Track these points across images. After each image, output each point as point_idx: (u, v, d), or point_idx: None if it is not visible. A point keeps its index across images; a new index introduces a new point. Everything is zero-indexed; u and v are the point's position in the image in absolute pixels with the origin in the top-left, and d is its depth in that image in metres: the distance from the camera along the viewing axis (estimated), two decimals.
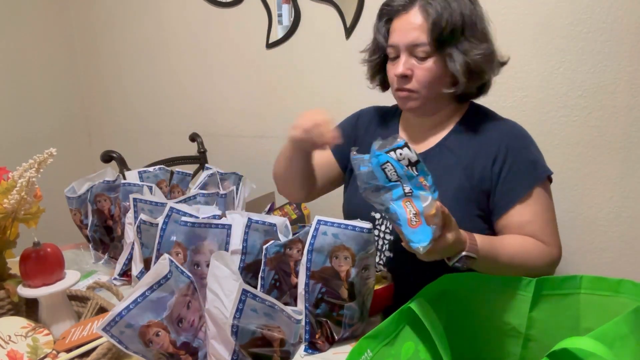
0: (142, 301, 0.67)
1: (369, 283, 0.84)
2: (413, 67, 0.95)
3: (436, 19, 0.91)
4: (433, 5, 0.92)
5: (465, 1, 0.93)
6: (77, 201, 1.21)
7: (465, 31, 0.93)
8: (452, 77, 0.96)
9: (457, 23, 0.92)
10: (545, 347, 0.61)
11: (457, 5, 0.92)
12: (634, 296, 0.55)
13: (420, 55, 0.94)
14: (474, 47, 0.93)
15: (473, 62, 0.93)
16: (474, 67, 0.94)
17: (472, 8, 0.94)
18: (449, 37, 0.92)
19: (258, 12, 1.90)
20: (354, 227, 0.79)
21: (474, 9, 0.95)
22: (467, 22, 0.93)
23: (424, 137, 1.05)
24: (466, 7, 0.93)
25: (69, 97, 2.38)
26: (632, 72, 1.40)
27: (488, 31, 0.97)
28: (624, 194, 1.47)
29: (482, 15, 0.97)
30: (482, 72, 0.96)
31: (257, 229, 0.89)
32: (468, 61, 0.93)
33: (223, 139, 2.13)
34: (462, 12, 0.92)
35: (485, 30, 0.97)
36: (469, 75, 0.94)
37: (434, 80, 0.95)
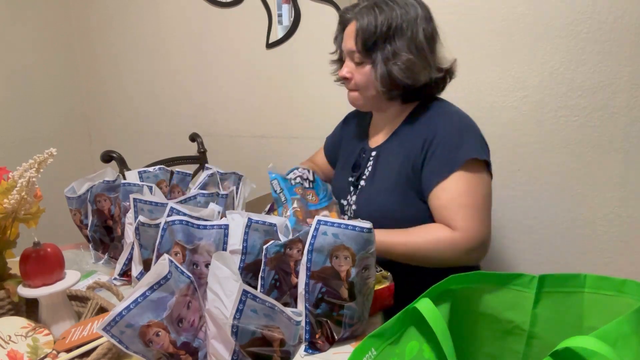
0: (142, 301, 0.67)
1: (369, 283, 0.84)
2: (353, 71, 1.08)
3: (360, 29, 1.02)
4: (362, 17, 1.02)
5: (397, 12, 1.01)
6: (77, 201, 1.21)
7: (391, 40, 1.02)
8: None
9: (381, 32, 1.01)
10: (548, 344, 0.61)
11: (386, 17, 1.01)
12: (637, 296, 0.55)
13: (356, 60, 1.07)
14: (396, 57, 1.02)
15: (389, 71, 1.03)
16: (392, 75, 1.03)
17: (405, 20, 1.02)
18: (373, 46, 1.03)
19: (258, 12, 1.90)
20: (354, 227, 0.79)
21: (410, 19, 1.02)
22: (395, 32, 1.01)
23: (383, 130, 1.17)
24: (398, 17, 1.01)
25: (69, 97, 2.38)
26: (632, 72, 1.40)
27: (420, 41, 1.03)
28: (624, 194, 1.47)
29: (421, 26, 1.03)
30: (396, 80, 1.03)
31: (257, 229, 0.88)
32: (385, 69, 1.03)
33: (223, 139, 2.13)
34: (390, 23, 1.01)
35: (416, 40, 1.02)
36: (384, 83, 1.04)
37: (367, 82, 1.07)
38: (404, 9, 1.02)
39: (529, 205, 1.60)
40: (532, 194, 1.59)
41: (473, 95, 1.61)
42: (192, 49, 2.11)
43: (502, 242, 1.67)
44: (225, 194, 1.16)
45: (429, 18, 1.05)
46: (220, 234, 0.87)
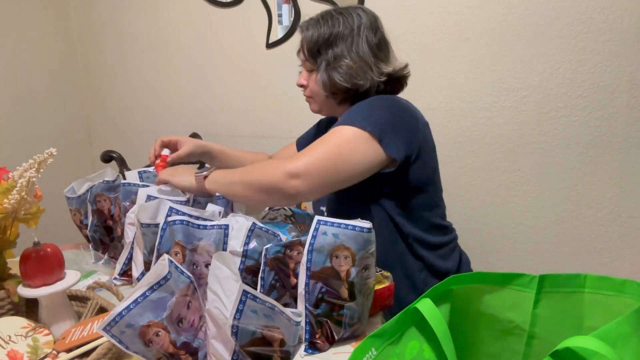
0: (142, 301, 0.67)
1: (369, 283, 0.84)
2: (307, 79, 1.15)
3: (304, 39, 1.11)
4: (308, 28, 1.10)
5: (340, 22, 1.07)
6: (77, 201, 1.21)
7: (333, 48, 1.08)
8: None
9: (324, 42, 1.08)
10: (548, 344, 0.61)
11: (328, 27, 1.08)
12: (637, 296, 0.55)
13: (308, 69, 1.14)
14: (336, 62, 1.07)
15: (330, 75, 1.08)
16: (331, 79, 1.08)
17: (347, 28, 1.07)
18: (317, 55, 1.09)
19: (258, 12, 1.91)
20: (354, 227, 0.79)
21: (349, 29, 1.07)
22: (336, 40, 1.07)
23: None
24: (338, 27, 1.07)
25: (69, 97, 2.38)
26: (632, 72, 1.40)
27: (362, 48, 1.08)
28: (624, 194, 1.48)
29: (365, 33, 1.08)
30: (337, 83, 1.08)
31: (259, 235, 0.88)
32: (326, 75, 1.08)
33: (223, 139, 2.13)
34: (331, 32, 1.07)
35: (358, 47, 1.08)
36: (326, 86, 1.09)
37: (317, 89, 1.12)
38: (347, 19, 1.08)
39: (529, 205, 1.60)
40: (532, 194, 1.59)
41: (473, 95, 1.61)
42: (192, 49, 2.11)
43: (502, 242, 1.67)
44: None
45: (374, 27, 1.10)
46: (221, 234, 0.86)
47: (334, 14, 1.10)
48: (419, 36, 1.65)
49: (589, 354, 0.47)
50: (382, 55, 1.10)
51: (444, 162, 1.70)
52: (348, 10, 1.10)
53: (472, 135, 1.64)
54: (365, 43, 1.08)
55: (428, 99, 1.66)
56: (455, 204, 1.71)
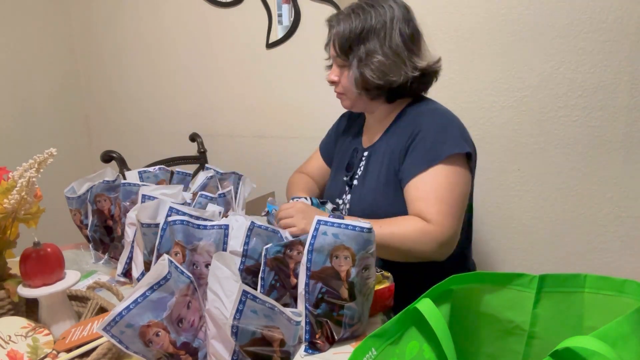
0: (142, 301, 0.67)
1: (370, 283, 0.84)
2: (339, 75, 1.13)
3: (336, 35, 1.08)
4: (340, 23, 1.07)
5: (372, 15, 1.05)
6: (77, 201, 1.21)
7: (364, 42, 1.05)
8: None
9: (355, 37, 1.05)
10: (548, 344, 0.61)
11: (360, 21, 1.05)
12: (637, 296, 0.55)
13: (340, 64, 1.12)
14: (368, 58, 1.05)
15: (362, 72, 1.06)
16: (362, 76, 1.07)
17: (379, 22, 1.05)
18: (349, 50, 1.07)
19: (258, 12, 1.90)
20: (354, 227, 0.79)
21: (381, 23, 1.05)
22: (368, 35, 1.05)
23: (374, 132, 1.20)
24: (370, 22, 1.05)
25: (69, 97, 2.38)
26: (632, 72, 1.40)
27: (395, 42, 1.05)
28: (624, 194, 1.48)
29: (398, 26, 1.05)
30: (369, 80, 1.06)
31: (259, 234, 0.88)
32: (357, 71, 1.07)
33: (223, 139, 2.13)
34: (363, 27, 1.05)
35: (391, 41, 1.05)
36: (358, 83, 1.08)
37: (350, 85, 1.10)
38: (379, 11, 1.05)
39: (529, 205, 1.60)
40: (532, 194, 1.59)
41: (473, 95, 1.61)
42: (192, 49, 2.11)
43: (502, 242, 1.67)
44: (223, 193, 1.16)
45: (407, 19, 1.07)
46: (220, 234, 0.86)
47: (365, 7, 1.07)
48: None
49: (588, 354, 0.47)
50: (415, 48, 1.08)
51: None
52: (379, 2, 1.07)
53: (472, 135, 1.63)
54: (399, 36, 1.05)
55: None
56: None
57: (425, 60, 1.09)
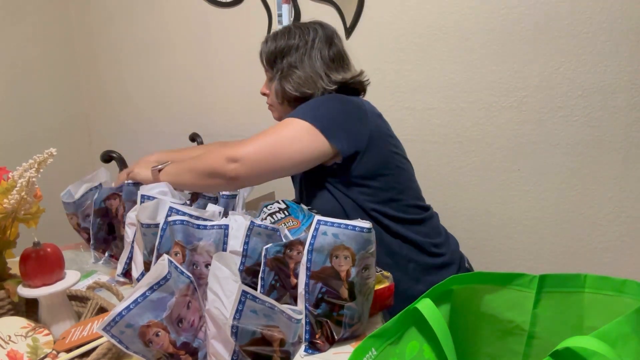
0: (142, 301, 0.67)
1: (370, 283, 0.84)
2: (268, 88, 1.26)
3: (262, 51, 1.23)
4: (267, 42, 1.22)
5: (294, 35, 1.18)
6: (72, 206, 1.21)
7: (284, 58, 1.18)
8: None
9: (278, 53, 1.19)
10: (548, 344, 0.61)
11: (283, 39, 1.19)
12: (637, 296, 0.55)
13: (269, 78, 1.24)
14: (289, 72, 1.18)
15: (282, 85, 1.19)
16: (282, 89, 1.19)
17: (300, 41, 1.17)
18: (272, 64, 1.21)
19: (258, 12, 1.90)
20: (354, 227, 0.79)
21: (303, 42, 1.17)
22: (289, 51, 1.18)
23: None
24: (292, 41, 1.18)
25: (69, 97, 2.38)
26: (632, 72, 1.40)
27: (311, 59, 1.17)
28: (624, 194, 1.48)
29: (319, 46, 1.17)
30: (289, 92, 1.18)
31: (259, 233, 0.88)
32: (279, 85, 1.19)
33: (223, 139, 2.12)
34: (287, 44, 1.18)
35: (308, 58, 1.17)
36: (280, 95, 1.20)
37: (275, 97, 1.23)
38: (303, 32, 1.18)
39: (529, 205, 1.60)
40: (532, 194, 1.59)
41: (473, 95, 1.61)
42: (192, 48, 2.11)
43: (503, 242, 1.67)
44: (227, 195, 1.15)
45: (330, 41, 1.18)
46: (220, 234, 0.86)
47: (292, 28, 1.20)
48: (418, 36, 1.64)
49: (589, 354, 0.47)
50: (335, 65, 1.18)
51: (443, 162, 1.71)
52: (306, 25, 1.20)
53: (472, 135, 1.64)
54: (319, 55, 1.17)
55: (428, 99, 1.66)
56: (455, 204, 1.71)
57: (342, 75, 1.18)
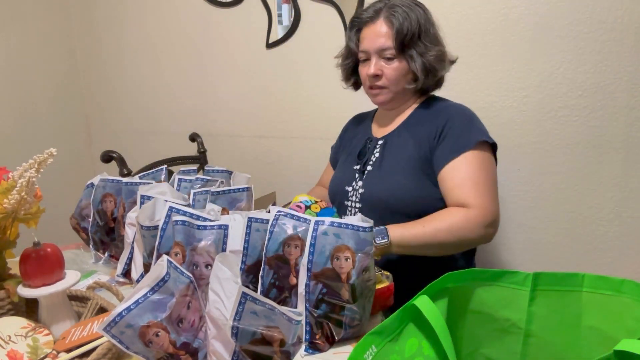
0: (143, 302, 0.67)
1: (370, 285, 0.84)
2: (382, 68, 1.16)
3: (399, 28, 1.12)
4: (396, 16, 1.12)
5: (420, 11, 1.15)
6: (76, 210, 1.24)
7: (421, 36, 1.13)
8: (414, 74, 1.16)
9: (414, 30, 1.12)
10: (545, 343, 0.61)
11: (415, 15, 1.13)
12: (636, 296, 0.55)
13: (388, 56, 1.15)
14: (429, 50, 1.14)
15: (428, 62, 1.14)
16: (429, 66, 1.14)
17: (425, 17, 1.15)
18: (409, 41, 1.13)
19: (258, 12, 1.90)
20: (354, 226, 0.79)
21: (427, 18, 1.15)
22: (423, 28, 1.14)
23: (388, 123, 1.25)
24: (421, 16, 1.14)
25: (69, 97, 2.38)
26: (632, 72, 1.40)
27: (439, 35, 1.18)
28: (624, 194, 1.47)
29: (434, 22, 1.17)
30: (436, 69, 1.16)
31: (257, 229, 0.88)
32: (424, 61, 1.14)
33: (223, 139, 2.13)
34: (418, 21, 1.13)
35: (436, 34, 1.17)
36: (426, 73, 1.15)
37: (400, 77, 1.16)
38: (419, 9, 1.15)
39: (529, 205, 1.60)
40: (532, 194, 1.59)
41: (473, 95, 1.61)
42: (192, 48, 2.11)
43: (502, 241, 1.67)
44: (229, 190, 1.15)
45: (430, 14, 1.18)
46: (220, 234, 0.86)
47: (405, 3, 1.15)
48: None
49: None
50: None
51: None
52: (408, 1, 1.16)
53: None
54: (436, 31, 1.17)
55: None
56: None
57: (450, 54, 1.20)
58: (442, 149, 1.11)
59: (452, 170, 1.08)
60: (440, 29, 1.19)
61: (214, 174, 1.27)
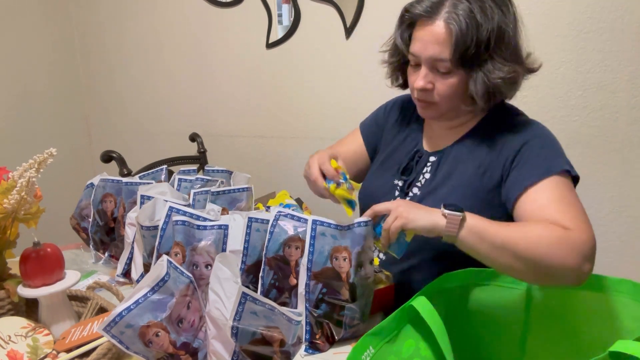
0: (143, 302, 0.67)
1: (369, 282, 0.84)
2: (434, 81, 0.91)
3: (460, 37, 0.85)
4: (459, 19, 0.84)
5: (494, 11, 0.86)
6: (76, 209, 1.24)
7: (492, 48, 0.87)
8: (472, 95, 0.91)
9: (483, 39, 0.85)
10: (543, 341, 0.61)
11: (485, 20, 0.85)
12: (634, 296, 0.55)
13: (442, 70, 0.90)
14: (498, 69, 0.87)
15: (494, 85, 0.88)
16: (494, 90, 0.89)
17: (504, 20, 0.87)
18: (473, 55, 0.86)
19: (258, 12, 1.90)
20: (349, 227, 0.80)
21: (507, 21, 0.87)
22: (496, 38, 0.86)
23: (443, 135, 1.02)
24: (498, 19, 0.86)
25: (69, 97, 2.38)
26: (633, 72, 1.40)
27: (518, 45, 0.91)
28: (624, 194, 1.47)
29: (516, 25, 0.90)
30: (502, 94, 0.91)
31: (257, 229, 0.88)
32: (488, 84, 0.88)
33: (223, 139, 2.13)
34: (489, 28, 0.85)
35: (516, 45, 0.90)
36: (487, 98, 0.90)
37: (454, 95, 0.92)
38: (500, 6, 0.87)
39: None
40: None
41: None
42: (192, 48, 2.11)
43: None
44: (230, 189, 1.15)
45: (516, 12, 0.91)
46: (220, 234, 0.87)
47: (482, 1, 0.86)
48: None
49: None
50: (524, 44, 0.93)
51: None
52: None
53: None
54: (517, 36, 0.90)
55: None
56: None
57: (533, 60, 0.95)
58: (520, 173, 0.88)
59: (535, 194, 0.85)
60: (522, 34, 0.92)
61: (214, 174, 1.27)
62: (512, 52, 0.89)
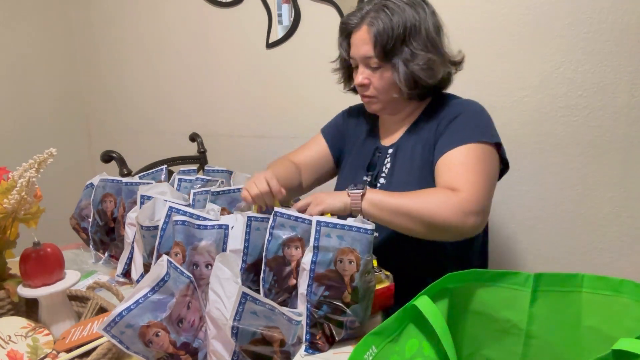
0: (143, 302, 0.67)
1: (371, 286, 0.84)
2: (370, 77, 1.07)
3: (378, 35, 1.01)
4: (376, 22, 1.01)
5: (409, 13, 1.02)
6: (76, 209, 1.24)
7: (408, 42, 1.02)
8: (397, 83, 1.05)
9: (398, 36, 1.01)
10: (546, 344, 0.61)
11: (400, 18, 1.01)
12: (635, 296, 0.55)
13: (373, 65, 1.05)
14: (415, 57, 1.02)
15: (412, 72, 1.02)
16: (413, 76, 1.03)
17: (417, 18, 1.02)
18: (392, 49, 1.02)
19: (258, 12, 1.90)
20: (358, 229, 0.79)
21: (420, 19, 1.02)
22: (410, 32, 1.01)
23: (395, 129, 1.17)
24: (412, 18, 1.01)
25: (69, 97, 2.38)
26: (633, 72, 1.40)
27: (435, 38, 1.04)
28: (624, 194, 1.47)
29: (433, 22, 1.04)
30: (421, 79, 1.04)
31: (257, 228, 0.89)
32: (407, 71, 1.02)
33: (223, 139, 2.13)
34: (405, 25, 1.01)
35: (432, 37, 1.04)
36: (410, 84, 1.04)
37: (387, 87, 1.07)
38: (413, 7, 1.02)
39: (529, 205, 1.60)
40: (532, 194, 1.59)
41: (473, 95, 1.61)
42: (192, 48, 2.11)
43: (503, 241, 1.67)
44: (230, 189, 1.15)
45: (433, 11, 1.06)
46: (221, 234, 0.87)
47: (396, 2, 1.02)
48: None
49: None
50: (444, 39, 1.07)
51: None
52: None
53: None
54: (434, 31, 1.04)
55: None
56: None
57: (453, 53, 1.09)
58: (442, 141, 1.03)
59: (447, 158, 1.00)
60: (442, 30, 1.07)
61: (214, 174, 1.27)
62: (426, 44, 1.03)
